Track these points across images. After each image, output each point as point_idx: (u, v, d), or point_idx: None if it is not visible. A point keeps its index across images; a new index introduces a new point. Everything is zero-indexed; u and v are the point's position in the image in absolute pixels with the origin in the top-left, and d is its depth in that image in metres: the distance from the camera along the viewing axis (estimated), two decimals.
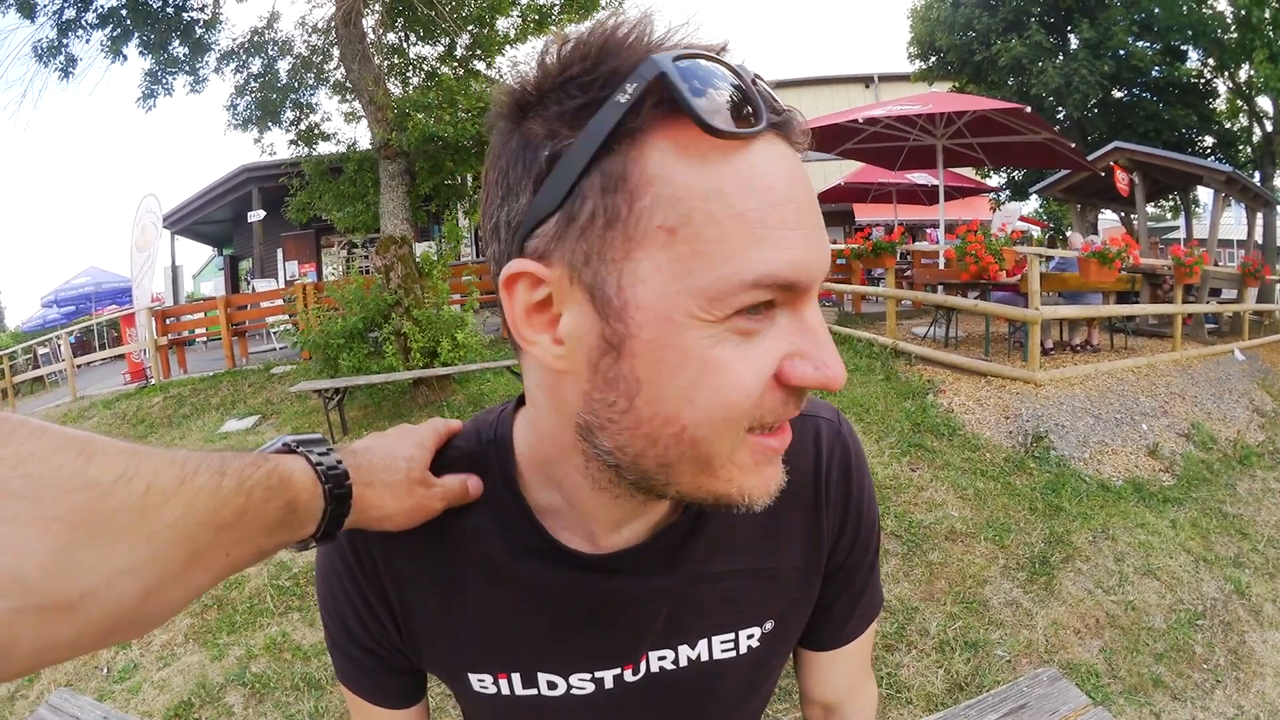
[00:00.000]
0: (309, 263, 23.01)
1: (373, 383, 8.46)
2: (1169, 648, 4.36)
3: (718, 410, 0.58)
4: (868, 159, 14.09)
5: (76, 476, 0.46)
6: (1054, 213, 30.60)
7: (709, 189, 0.56)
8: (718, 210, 0.55)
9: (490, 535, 0.81)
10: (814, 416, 0.91)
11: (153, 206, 15.28)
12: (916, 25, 21.34)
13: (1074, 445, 6.67)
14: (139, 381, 13.76)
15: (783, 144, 0.60)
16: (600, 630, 0.83)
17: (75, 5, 10.55)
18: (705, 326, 0.56)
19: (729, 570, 0.84)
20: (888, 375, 8.40)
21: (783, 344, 0.59)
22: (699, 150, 0.56)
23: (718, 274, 0.55)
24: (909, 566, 5.03)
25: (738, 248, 0.55)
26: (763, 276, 0.55)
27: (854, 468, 0.92)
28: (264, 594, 5.27)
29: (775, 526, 0.86)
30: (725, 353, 0.57)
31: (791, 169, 0.59)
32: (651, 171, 0.57)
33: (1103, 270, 8.92)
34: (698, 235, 0.56)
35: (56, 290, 27.14)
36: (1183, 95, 18.98)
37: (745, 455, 0.62)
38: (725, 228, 0.55)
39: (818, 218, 0.60)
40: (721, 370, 0.57)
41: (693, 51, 0.57)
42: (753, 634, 0.87)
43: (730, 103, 0.56)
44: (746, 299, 0.56)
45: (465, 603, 0.83)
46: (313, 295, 12.36)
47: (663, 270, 0.57)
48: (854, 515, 0.91)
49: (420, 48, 12.24)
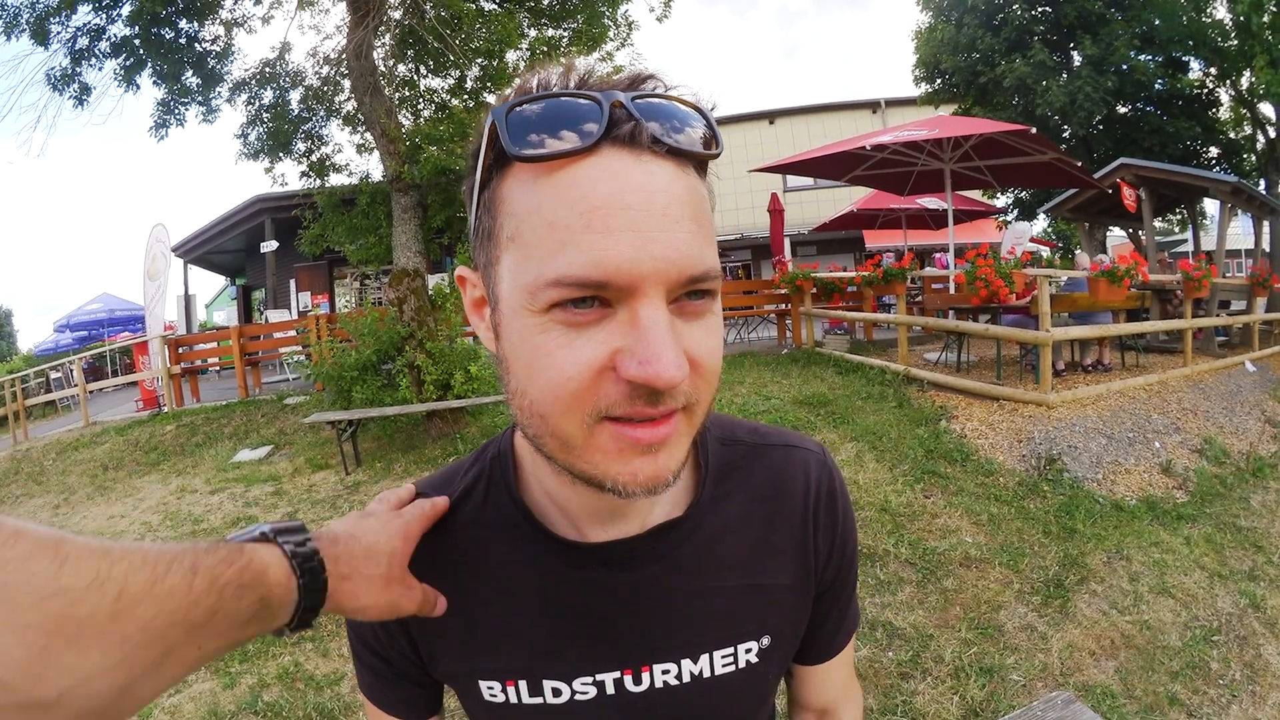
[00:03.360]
0: (322, 294, 23.20)
1: (386, 415, 8.48)
2: (1184, 665, 4.35)
3: (548, 390, 0.66)
4: (876, 185, 14.11)
5: (50, 583, 0.47)
6: (1063, 232, 30.57)
7: (533, 204, 0.65)
8: (536, 221, 0.65)
9: (496, 541, 0.88)
10: (803, 449, 0.99)
11: (162, 236, 15.43)
12: (921, 48, 21.34)
13: (1087, 466, 6.66)
14: (152, 409, 13.83)
15: (626, 156, 0.65)
16: (599, 629, 0.87)
17: (88, 34, 10.59)
18: (531, 315, 0.65)
19: (724, 584, 0.89)
20: (900, 402, 8.40)
21: (615, 339, 0.64)
22: (531, 174, 0.66)
23: (533, 273, 0.64)
24: (924, 594, 5.03)
25: (548, 251, 0.63)
26: (563, 276, 0.62)
27: (839, 495, 0.98)
28: None
29: (768, 544, 0.92)
30: (548, 340, 0.65)
31: (622, 178, 0.64)
32: (504, 195, 0.69)
33: (1112, 289, 8.91)
34: (525, 242, 0.66)
35: (69, 315, 27.15)
36: (1186, 107, 18.95)
37: (606, 440, 0.67)
38: (540, 235, 0.64)
39: (655, 220, 0.64)
40: (545, 355, 0.65)
41: (528, 97, 0.67)
42: (750, 649, 0.91)
43: (551, 133, 0.65)
44: (554, 294, 0.63)
45: (473, 608, 0.88)
46: (326, 327, 12.41)
47: (510, 271, 0.68)
48: (840, 538, 0.98)
49: (431, 80, 12.29)
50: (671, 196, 0.65)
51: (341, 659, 4.88)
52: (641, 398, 0.65)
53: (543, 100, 0.67)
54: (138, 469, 10.65)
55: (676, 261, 0.64)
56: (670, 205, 0.65)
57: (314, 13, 12.41)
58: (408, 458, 8.66)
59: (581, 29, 12.07)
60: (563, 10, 12.25)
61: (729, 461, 0.94)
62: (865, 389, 8.98)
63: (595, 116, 0.65)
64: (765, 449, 0.97)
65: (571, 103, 0.66)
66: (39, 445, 13.17)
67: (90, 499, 9.54)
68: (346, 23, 10.60)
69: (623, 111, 0.66)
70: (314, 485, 8.26)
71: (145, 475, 10.14)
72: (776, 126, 30.63)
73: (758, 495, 0.93)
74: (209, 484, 8.84)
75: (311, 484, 8.32)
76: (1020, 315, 9.16)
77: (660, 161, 0.66)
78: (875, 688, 4.17)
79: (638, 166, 0.65)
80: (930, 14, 21.36)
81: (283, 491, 8.18)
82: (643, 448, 0.67)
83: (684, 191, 0.67)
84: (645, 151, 0.65)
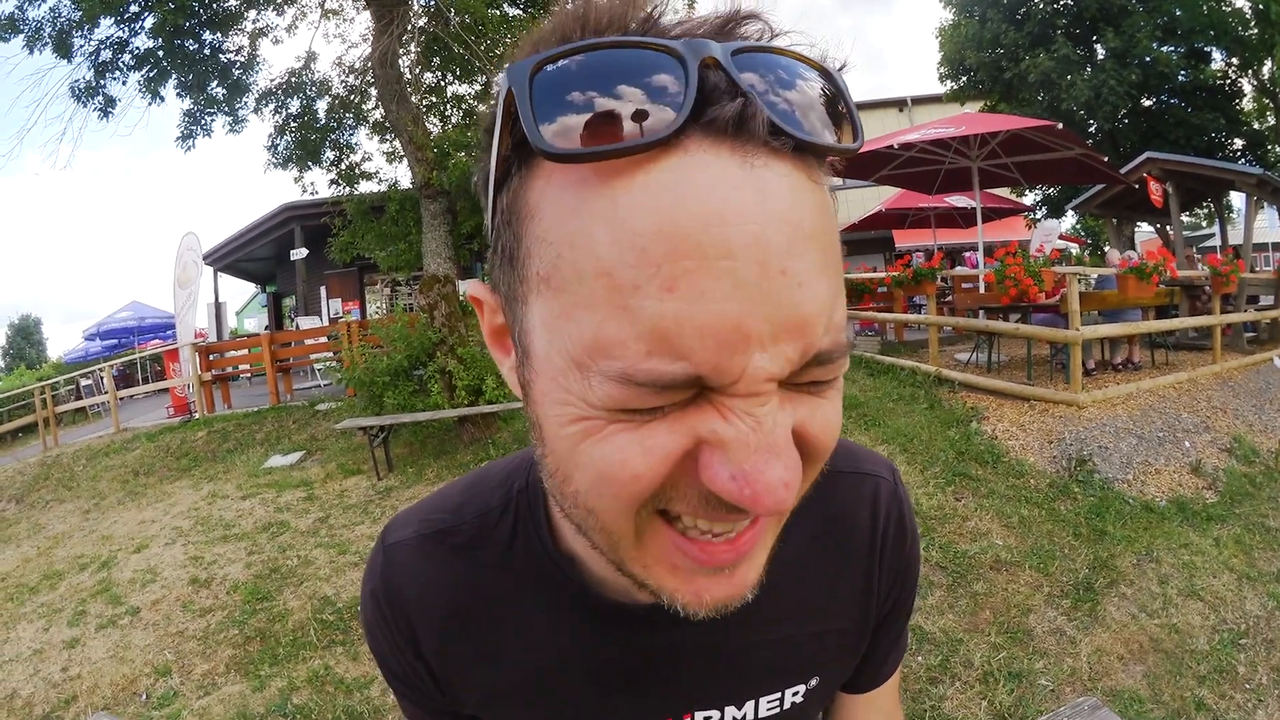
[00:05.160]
0: (353, 300, 23.33)
1: (418, 420, 8.55)
2: (1211, 669, 4.34)
3: (602, 485, 0.49)
4: (905, 184, 14.06)
5: None
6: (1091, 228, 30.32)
7: (574, 233, 0.45)
8: (583, 261, 0.45)
9: (526, 591, 0.77)
10: (873, 475, 0.87)
11: (193, 244, 15.56)
12: (946, 44, 21.24)
13: (1118, 467, 6.63)
14: (183, 415, 13.98)
15: (728, 157, 0.44)
16: (636, 684, 0.79)
17: (111, 47, 10.67)
18: (574, 399, 0.48)
19: (776, 636, 0.80)
20: (931, 404, 8.39)
21: (700, 423, 0.47)
22: (573, 178, 0.45)
23: (581, 344, 0.46)
24: (953, 598, 5.04)
25: (603, 317, 0.44)
26: (630, 373, 0.44)
27: (908, 526, 0.89)
28: (307, 627, 5.38)
29: (828, 587, 0.83)
30: (601, 425, 0.47)
31: (723, 200, 0.43)
32: (531, 204, 0.48)
33: (1141, 286, 8.87)
34: (565, 288, 0.46)
35: (99, 323, 27.49)
36: (1209, 98, 18.78)
37: (665, 551, 0.53)
38: (589, 287, 0.44)
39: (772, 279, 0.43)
40: (599, 443, 0.48)
41: (566, 47, 0.45)
42: (798, 691, 0.84)
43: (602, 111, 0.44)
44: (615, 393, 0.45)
45: (502, 663, 0.79)
46: (357, 333, 12.50)
47: (545, 326, 0.49)
48: (903, 571, 0.89)
49: (457, 86, 12.30)
50: (796, 229, 0.44)
51: (372, 663, 4.92)
52: (721, 510, 0.49)
53: (587, 52, 0.45)
54: (169, 474, 10.79)
55: (799, 346, 0.45)
56: (793, 247, 0.44)
57: (338, 22, 12.46)
58: (440, 463, 8.72)
59: None
60: None
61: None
62: (896, 391, 8.97)
63: (676, 84, 0.43)
64: (834, 477, 0.76)
65: (635, 56, 0.44)
66: (69, 451, 13.34)
67: (121, 504, 9.66)
68: (371, 31, 10.64)
69: (720, 76, 0.44)
70: (346, 491, 8.35)
71: (176, 481, 10.27)
72: None
73: (821, 531, 0.82)
74: (240, 490, 8.94)
75: (343, 489, 8.40)
76: (1050, 314, 9.12)
77: (779, 164, 0.45)
78: (904, 693, 4.18)
79: (748, 177, 0.43)
80: (954, 10, 21.28)
81: (314, 497, 8.27)
82: (711, 569, 0.53)
83: (812, 215, 0.46)
84: (760, 149, 0.44)
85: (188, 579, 6.45)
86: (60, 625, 5.99)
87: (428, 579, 0.80)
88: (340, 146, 12.69)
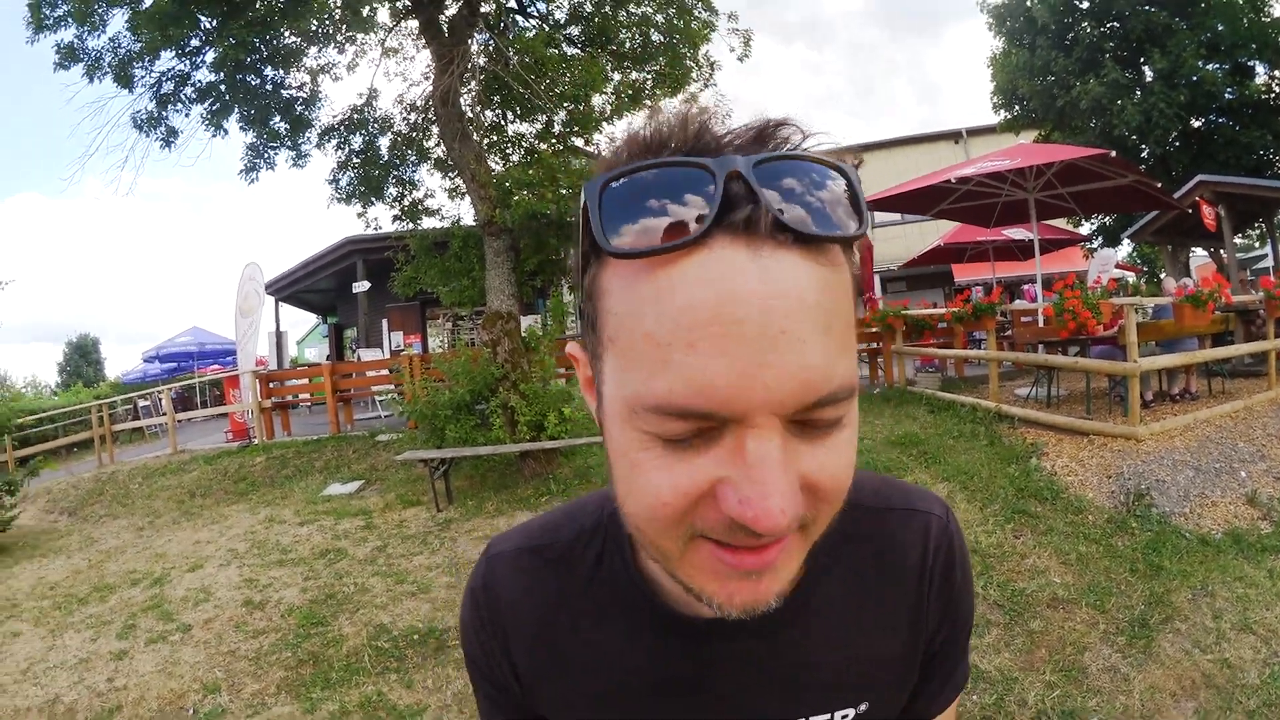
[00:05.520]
0: (414, 334, 23.59)
1: (480, 454, 8.64)
2: (1261, 704, 4.31)
3: (643, 510, 0.62)
4: (962, 218, 14.07)
5: None
6: (1147, 256, 29.99)
7: (630, 308, 0.58)
8: (634, 329, 0.58)
9: (608, 610, 0.87)
10: (924, 511, 0.94)
11: (255, 274, 15.91)
12: (998, 74, 21.10)
13: (1175, 501, 6.58)
14: (241, 440, 14.26)
15: (740, 250, 0.55)
16: (694, 697, 0.86)
17: (173, 79, 10.83)
18: (633, 430, 0.60)
19: (826, 658, 0.87)
20: (991, 440, 8.34)
21: (719, 468, 0.58)
22: (630, 269, 0.58)
23: (632, 389, 0.59)
24: (1010, 636, 5.04)
25: (647, 370, 0.57)
26: (662, 404, 0.56)
27: (958, 563, 0.94)
28: (362, 654, 5.44)
29: (877, 617, 0.89)
30: (648, 459, 0.59)
31: (732, 283, 0.54)
32: (604, 287, 0.62)
33: (1197, 314, 8.78)
34: (623, 350, 0.60)
35: (159, 346, 28.13)
36: (1256, 115, 18.49)
37: (704, 559, 0.63)
38: (638, 347, 0.58)
39: (770, 340, 0.55)
40: (643, 475, 0.60)
41: (625, 168, 0.58)
42: (847, 714, 0.88)
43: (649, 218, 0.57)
44: (653, 422, 0.58)
45: (581, 665, 0.88)
46: (419, 366, 12.68)
47: (611, 377, 0.62)
48: (953, 607, 0.94)
49: (518, 125, 12.32)
50: (795, 302, 0.55)
51: (425, 691, 5.00)
52: (743, 530, 0.58)
53: (641, 171, 0.58)
54: (225, 497, 10.99)
55: (795, 388, 0.56)
56: (792, 314, 0.55)
57: (399, 60, 12.59)
58: (500, 497, 8.78)
59: (664, 71, 12.15)
60: (645, 53, 12.31)
61: (847, 528, 0.80)
62: (957, 427, 8.93)
63: (705, 195, 0.56)
64: (884, 514, 0.91)
65: (677, 174, 0.57)
66: (125, 468, 13.66)
67: (176, 523, 9.86)
68: (431, 70, 10.81)
69: (741, 185, 0.56)
70: (404, 521, 8.43)
71: (233, 504, 10.45)
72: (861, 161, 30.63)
73: (872, 564, 0.90)
74: (298, 516, 9.08)
75: (402, 520, 8.49)
76: (1109, 345, 9.04)
77: (784, 253, 0.56)
78: None
79: (753, 264, 0.55)
80: (1004, 39, 21.17)
81: (373, 526, 8.37)
82: (742, 573, 0.63)
83: (813, 291, 0.57)
84: (766, 241, 0.56)
85: (241, 600, 6.54)
86: (109, 637, 6.08)
87: (522, 588, 0.91)
88: (403, 183, 12.78)
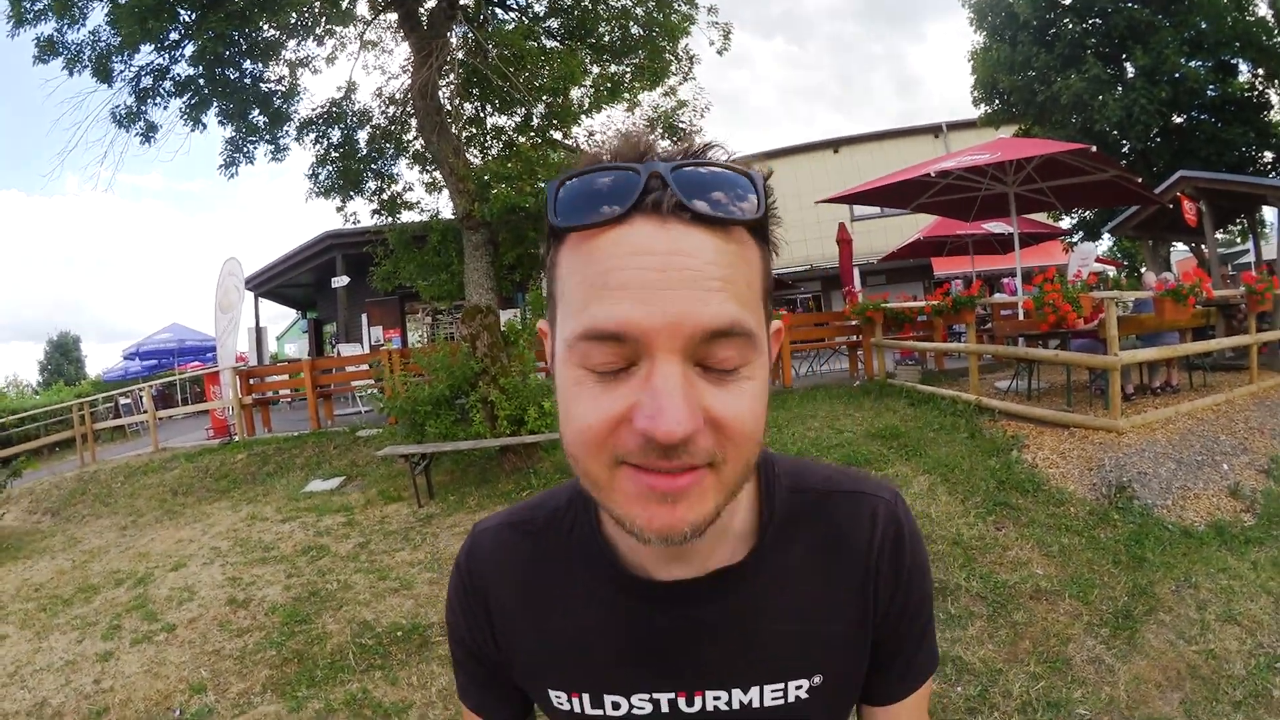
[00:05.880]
0: (394, 328, 23.51)
1: (460, 449, 8.64)
2: (1247, 694, 4.34)
3: (573, 435, 0.72)
4: (942, 212, 14.02)
5: None
6: (1128, 250, 30.09)
7: (574, 267, 0.72)
8: (574, 282, 0.71)
9: (575, 567, 0.95)
10: (875, 496, 0.99)
11: (235, 270, 15.79)
12: (978, 68, 21.10)
13: (1157, 493, 6.62)
14: (222, 437, 14.20)
15: (653, 223, 0.69)
16: (657, 656, 0.92)
17: (152, 73, 10.76)
18: (570, 368, 0.71)
19: (778, 627, 0.92)
20: (972, 433, 8.36)
21: (634, 394, 0.68)
22: (575, 242, 0.72)
23: (569, 327, 0.71)
24: (993, 628, 5.06)
25: (579, 307, 0.70)
26: (587, 329, 0.68)
27: (906, 543, 0.97)
28: (346, 651, 5.43)
29: (826, 593, 0.94)
30: (581, 391, 0.70)
31: (644, 242, 0.68)
32: (559, 260, 0.75)
33: (1178, 308, 8.86)
34: (566, 300, 0.73)
35: (139, 343, 27.74)
36: (1239, 112, 18.54)
37: (626, 483, 0.71)
38: (575, 293, 0.71)
39: (669, 279, 0.67)
40: (575, 403, 0.71)
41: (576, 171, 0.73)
42: (801, 685, 0.93)
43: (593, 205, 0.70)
44: (584, 348, 0.69)
45: (551, 626, 0.96)
46: (398, 361, 12.65)
47: (560, 324, 0.74)
48: (903, 588, 0.97)
49: (497, 118, 12.30)
50: (693, 258, 0.68)
51: (410, 688, 4.99)
52: (654, 450, 0.67)
53: (588, 174, 0.72)
54: (207, 495, 10.95)
55: (690, 316, 0.66)
56: (690, 265, 0.67)
57: (378, 53, 12.52)
58: (481, 491, 8.78)
59: (644, 64, 12.11)
60: (624, 46, 12.24)
61: (796, 510, 0.95)
62: (937, 420, 8.95)
63: (632, 187, 0.69)
64: (833, 496, 0.97)
65: (615, 175, 0.71)
66: (107, 467, 13.56)
67: (158, 522, 9.80)
68: (410, 63, 10.76)
69: (657, 181, 0.69)
70: (386, 517, 8.42)
71: (215, 502, 10.41)
72: (841, 155, 30.68)
73: (821, 544, 0.95)
74: (280, 513, 9.05)
75: (384, 515, 8.48)
76: (1089, 339, 9.08)
77: (688, 228, 0.69)
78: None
79: (662, 232, 0.68)
80: (985, 34, 21.18)
81: (355, 522, 8.34)
82: (659, 495, 0.69)
83: (710, 253, 0.69)
84: (671, 219, 0.68)
85: (225, 599, 6.53)
86: (94, 638, 6.05)
87: (502, 557, 1.01)
88: (382, 176, 12.74)
